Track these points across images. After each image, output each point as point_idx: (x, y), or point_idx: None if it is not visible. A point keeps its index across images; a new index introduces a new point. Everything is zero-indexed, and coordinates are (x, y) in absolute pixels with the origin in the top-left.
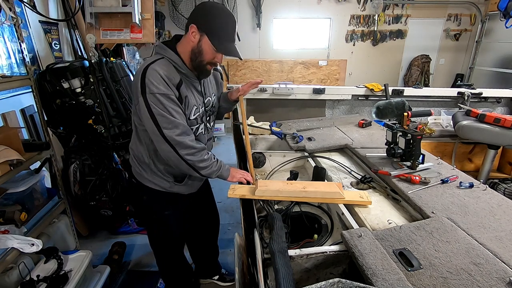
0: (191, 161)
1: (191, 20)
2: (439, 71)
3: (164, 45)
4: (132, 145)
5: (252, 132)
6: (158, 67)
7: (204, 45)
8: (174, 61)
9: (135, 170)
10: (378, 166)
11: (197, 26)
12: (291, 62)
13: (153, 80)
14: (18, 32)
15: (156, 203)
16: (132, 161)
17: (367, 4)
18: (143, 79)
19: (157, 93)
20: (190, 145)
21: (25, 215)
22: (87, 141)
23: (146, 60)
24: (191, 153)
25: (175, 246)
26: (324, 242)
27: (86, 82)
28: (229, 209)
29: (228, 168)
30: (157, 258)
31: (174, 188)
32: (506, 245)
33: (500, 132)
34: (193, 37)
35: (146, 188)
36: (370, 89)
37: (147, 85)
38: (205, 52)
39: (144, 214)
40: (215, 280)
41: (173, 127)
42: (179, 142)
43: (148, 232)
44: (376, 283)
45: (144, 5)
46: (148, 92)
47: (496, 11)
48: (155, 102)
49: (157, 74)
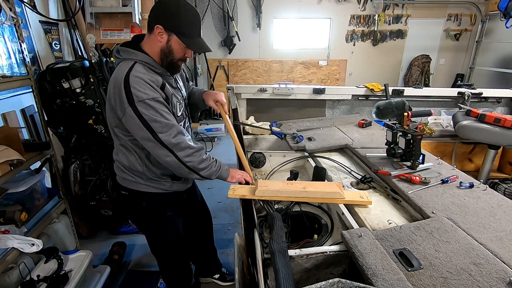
0: (190, 163)
1: (155, 20)
2: (439, 71)
3: (129, 48)
4: (118, 157)
5: (252, 132)
6: (138, 73)
7: (173, 44)
8: (148, 63)
9: (126, 179)
10: (378, 166)
11: (163, 27)
12: (291, 62)
13: (139, 87)
14: (18, 32)
15: (157, 206)
16: (120, 171)
17: (367, 4)
18: (128, 89)
19: (146, 99)
20: (187, 145)
21: (25, 215)
22: (87, 141)
23: (117, 68)
24: (190, 153)
25: (179, 246)
26: (324, 242)
27: (86, 82)
28: (229, 209)
29: (228, 168)
30: (160, 261)
31: (173, 187)
32: (506, 245)
33: (500, 132)
34: (160, 38)
35: (144, 194)
36: (370, 89)
37: (134, 94)
38: (175, 50)
39: (144, 221)
40: (215, 280)
41: (167, 129)
42: (176, 144)
43: (150, 237)
44: (376, 283)
45: (144, 5)
46: (136, 100)
47: (496, 11)
48: (146, 109)
49: (140, 80)
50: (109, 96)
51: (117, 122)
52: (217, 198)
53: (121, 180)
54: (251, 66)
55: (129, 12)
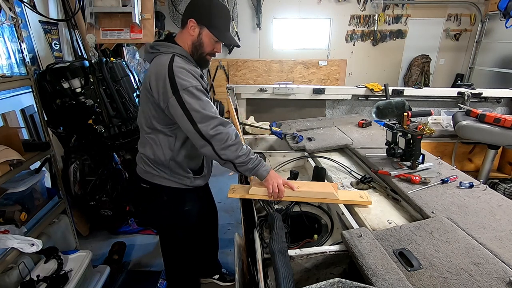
0: (225, 155)
1: (188, 15)
2: (439, 71)
3: (166, 42)
4: (144, 149)
5: (252, 132)
6: (179, 64)
7: (204, 37)
8: (185, 56)
9: (150, 173)
10: (378, 166)
11: (196, 20)
12: (291, 62)
13: (183, 76)
14: (18, 32)
15: (178, 201)
16: (144, 164)
17: (367, 4)
18: (172, 79)
19: (190, 87)
20: (226, 137)
21: (25, 215)
22: (87, 141)
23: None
24: (226, 146)
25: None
26: (324, 242)
27: (86, 82)
28: (229, 209)
29: (267, 169)
30: (168, 259)
31: (194, 182)
32: (506, 245)
33: (500, 132)
34: (192, 31)
35: (167, 189)
36: (370, 89)
37: (178, 83)
38: (206, 44)
39: (162, 215)
40: (215, 280)
41: (207, 120)
42: (213, 136)
43: (164, 233)
44: (376, 283)
45: (144, 5)
46: (181, 89)
47: (496, 11)
48: (189, 97)
49: (184, 70)
50: (150, 87)
51: (157, 113)
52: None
53: (143, 173)
54: (251, 66)
55: (129, 12)
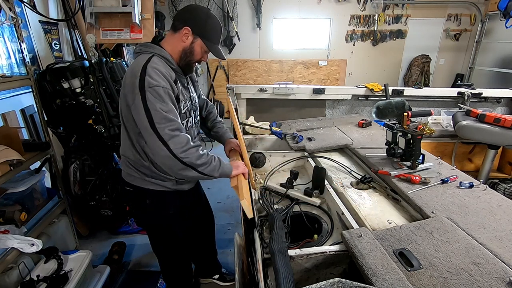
0: (186, 158)
1: (184, 22)
2: (439, 71)
3: (150, 44)
4: (125, 152)
5: (252, 132)
6: (155, 64)
7: (196, 46)
8: (165, 57)
9: (132, 175)
10: (378, 166)
11: (192, 30)
12: (291, 62)
13: (153, 75)
14: (18, 32)
15: (161, 204)
16: (126, 167)
17: (367, 4)
18: (142, 77)
19: (156, 86)
20: (184, 140)
21: (25, 215)
22: (87, 141)
23: (136, 61)
24: (185, 149)
25: (181, 245)
26: (324, 242)
27: (86, 82)
28: (229, 209)
29: (228, 162)
30: (160, 259)
31: (177, 186)
32: (506, 245)
33: (500, 132)
34: (185, 38)
35: (149, 191)
36: (370, 89)
37: (146, 80)
38: (196, 52)
39: (147, 218)
40: (215, 280)
41: (166, 122)
42: (171, 137)
43: (152, 235)
44: (376, 283)
45: (144, 5)
46: (147, 87)
47: (496, 11)
48: (152, 95)
49: (156, 70)
50: (124, 85)
51: (127, 112)
52: (217, 198)
53: (126, 176)
54: (251, 66)
55: (129, 12)
